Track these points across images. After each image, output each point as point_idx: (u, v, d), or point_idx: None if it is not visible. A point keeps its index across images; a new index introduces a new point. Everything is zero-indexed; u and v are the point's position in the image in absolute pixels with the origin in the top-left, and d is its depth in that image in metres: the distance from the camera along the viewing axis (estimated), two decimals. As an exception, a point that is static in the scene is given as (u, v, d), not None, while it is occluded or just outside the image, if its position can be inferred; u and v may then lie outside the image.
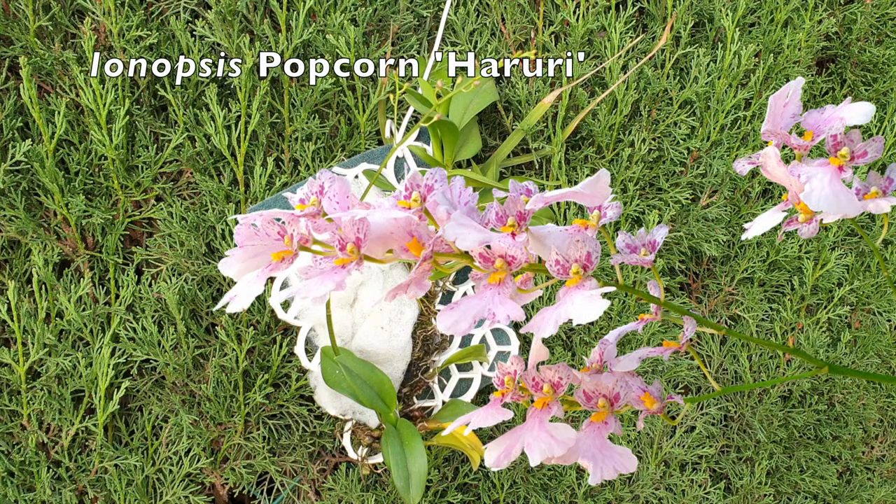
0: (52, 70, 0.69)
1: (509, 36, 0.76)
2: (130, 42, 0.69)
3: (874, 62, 0.82)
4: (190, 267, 0.70)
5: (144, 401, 0.71)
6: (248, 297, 0.29)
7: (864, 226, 0.81)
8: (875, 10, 0.81)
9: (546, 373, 0.30)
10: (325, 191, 0.29)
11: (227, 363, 0.69)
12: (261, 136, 0.71)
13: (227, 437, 0.71)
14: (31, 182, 0.70)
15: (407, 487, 0.62)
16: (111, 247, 0.71)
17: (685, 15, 0.76)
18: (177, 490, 0.70)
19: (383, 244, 0.29)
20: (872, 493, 0.86)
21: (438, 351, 0.71)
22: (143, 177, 0.71)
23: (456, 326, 0.28)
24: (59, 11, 0.69)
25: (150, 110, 0.72)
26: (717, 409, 0.81)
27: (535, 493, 0.76)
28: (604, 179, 0.28)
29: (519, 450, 0.30)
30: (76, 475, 0.70)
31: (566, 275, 0.27)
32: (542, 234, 0.28)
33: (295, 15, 0.69)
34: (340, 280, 0.28)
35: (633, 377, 0.31)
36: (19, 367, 0.68)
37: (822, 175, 0.27)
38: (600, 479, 0.30)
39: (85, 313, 0.68)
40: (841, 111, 0.29)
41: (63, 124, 0.67)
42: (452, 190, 0.29)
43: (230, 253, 0.29)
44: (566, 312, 0.26)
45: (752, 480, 0.82)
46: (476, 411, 0.31)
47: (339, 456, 0.74)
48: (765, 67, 0.76)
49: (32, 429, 0.69)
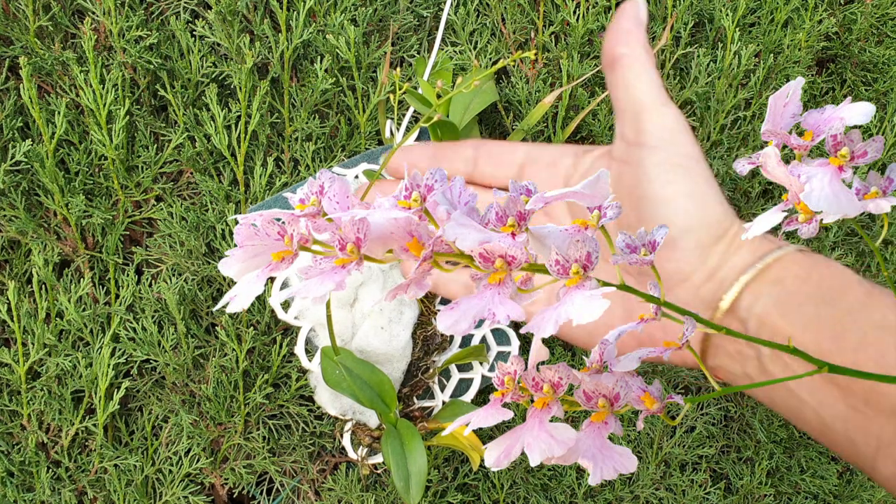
0: (53, 70, 0.69)
1: (509, 36, 0.76)
2: (130, 42, 0.69)
3: (874, 62, 0.82)
4: (190, 267, 0.70)
5: (144, 401, 0.71)
6: (248, 297, 0.29)
7: (864, 226, 0.81)
8: (875, 10, 0.81)
9: (546, 373, 0.30)
10: (325, 191, 0.29)
11: (227, 363, 0.69)
12: (261, 136, 0.71)
13: (227, 437, 0.71)
14: (31, 182, 0.70)
15: (407, 488, 0.62)
16: (111, 247, 0.71)
17: (685, 15, 0.76)
18: (176, 490, 0.70)
19: (383, 244, 0.29)
20: (873, 493, 0.86)
21: (438, 351, 0.71)
22: (143, 177, 0.71)
23: (456, 326, 0.28)
24: (59, 11, 0.69)
25: (150, 110, 0.72)
26: (718, 410, 0.81)
27: (535, 494, 0.76)
28: (604, 179, 0.28)
29: (519, 450, 0.30)
30: (76, 475, 0.70)
31: (566, 275, 0.27)
32: (543, 234, 0.28)
33: (295, 15, 0.69)
34: (340, 280, 0.28)
35: (633, 377, 0.31)
36: (19, 367, 0.68)
37: (822, 175, 0.27)
38: (600, 479, 0.30)
39: (85, 313, 0.68)
40: (841, 111, 0.29)
41: (63, 124, 0.67)
42: (452, 190, 0.29)
43: (230, 253, 0.29)
44: (566, 312, 0.26)
45: (753, 480, 0.82)
46: (476, 411, 0.31)
47: (339, 456, 0.74)
48: (765, 67, 0.76)
49: (32, 429, 0.69)
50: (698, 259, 0.45)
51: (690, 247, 0.45)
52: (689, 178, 0.46)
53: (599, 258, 0.27)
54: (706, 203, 0.45)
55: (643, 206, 0.46)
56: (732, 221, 0.46)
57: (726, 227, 0.46)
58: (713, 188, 0.46)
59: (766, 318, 0.42)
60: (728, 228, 0.46)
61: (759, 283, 0.43)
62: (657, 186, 0.45)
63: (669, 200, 0.45)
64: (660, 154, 0.46)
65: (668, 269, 0.45)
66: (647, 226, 0.45)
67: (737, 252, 0.45)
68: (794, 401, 0.42)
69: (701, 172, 0.46)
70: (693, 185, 0.45)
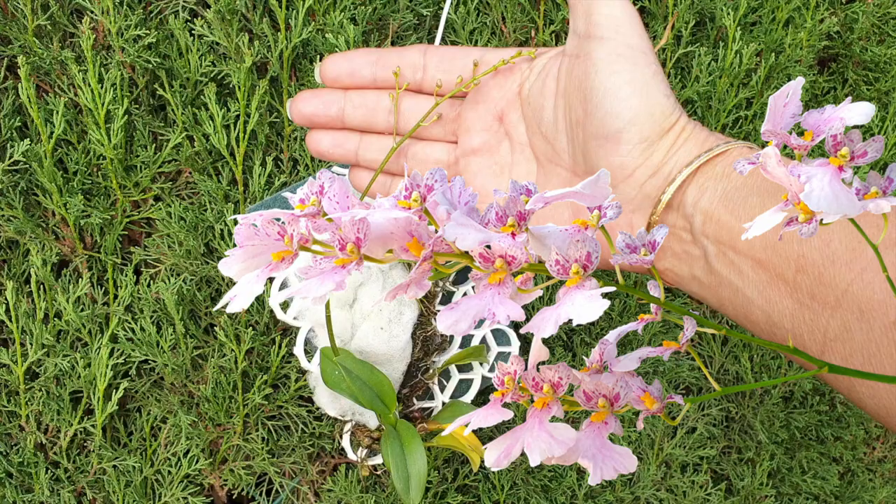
0: (51, 69, 0.69)
1: (509, 35, 0.75)
2: (129, 41, 0.68)
3: (876, 61, 0.82)
4: (189, 267, 0.70)
5: (143, 402, 0.71)
6: (248, 298, 0.29)
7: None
8: (877, 10, 0.81)
9: (546, 373, 0.30)
10: (325, 191, 0.29)
11: (225, 364, 0.69)
12: (260, 136, 0.71)
13: (226, 438, 0.71)
14: (30, 182, 0.70)
15: (407, 489, 0.62)
16: (109, 247, 0.70)
17: (686, 14, 0.76)
18: (175, 491, 0.70)
19: (383, 244, 0.28)
20: (874, 494, 0.86)
21: (438, 352, 0.70)
22: (141, 176, 0.71)
23: (456, 326, 0.27)
24: (57, 11, 0.69)
25: (149, 109, 0.72)
26: (719, 410, 0.81)
27: (536, 495, 0.76)
28: (604, 179, 0.28)
29: (519, 450, 0.30)
30: (75, 476, 0.70)
31: (566, 275, 0.27)
32: (543, 234, 0.28)
33: (294, 14, 0.69)
34: (340, 280, 0.28)
35: (633, 377, 0.31)
36: (17, 367, 0.68)
37: (822, 175, 0.27)
38: (600, 479, 0.30)
39: (83, 314, 0.68)
40: (841, 111, 0.29)
41: (61, 124, 0.67)
42: (452, 190, 0.29)
43: (230, 253, 0.29)
44: (566, 312, 0.26)
45: (754, 481, 0.81)
46: (476, 411, 0.31)
47: (339, 457, 0.74)
48: (766, 67, 0.76)
49: (31, 429, 0.69)
50: (642, 154, 0.44)
51: (635, 140, 0.44)
52: (635, 68, 0.45)
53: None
54: (650, 94, 0.45)
55: (590, 98, 0.45)
56: (679, 116, 0.45)
57: (672, 121, 0.45)
58: (659, 80, 0.45)
59: (712, 212, 0.42)
60: (675, 123, 0.45)
61: (705, 178, 0.43)
62: (603, 77, 0.45)
63: (614, 90, 0.45)
64: (608, 45, 0.45)
65: (612, 163, 0.45)
66: (592, 120, 0.45)
67: (682, 146, 0.44)
68: (741, 299, 0.41)
69: (647, 63, 0.45)
70: (637, 76, 0.45)
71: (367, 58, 0.52)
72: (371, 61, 0.52)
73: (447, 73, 0.52)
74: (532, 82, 0.51)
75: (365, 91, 0.53)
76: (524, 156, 0.52)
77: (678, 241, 0.44)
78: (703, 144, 0.44)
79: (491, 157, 0.52)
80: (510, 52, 0.52)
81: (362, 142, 0.54)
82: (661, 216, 0.44)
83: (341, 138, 0.54)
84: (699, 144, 0.44)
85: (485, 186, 0.52)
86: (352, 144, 0.54)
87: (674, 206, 0.44)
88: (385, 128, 0.53)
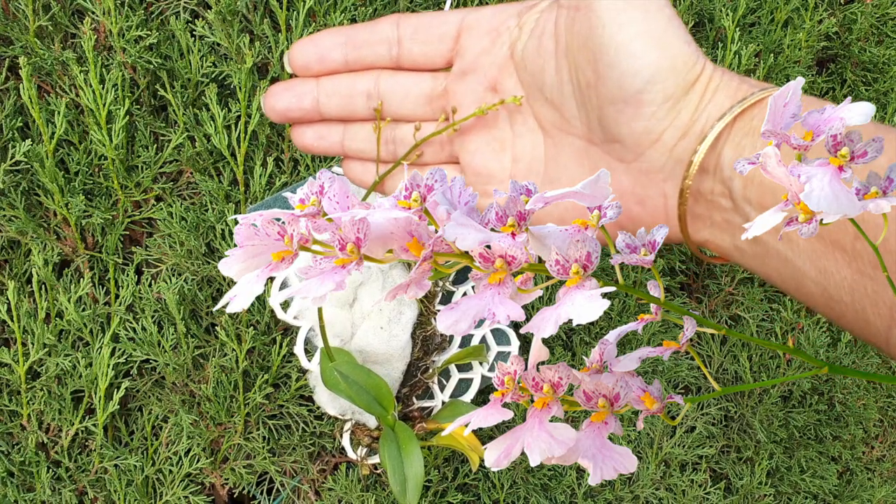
0: (52, 70, 0.69)
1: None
2: (130, 42, 0.69)
3: (874, 62, 0.82)
4: (190, 267, 0.70)
5: (144, 401, 0.71)
6: (248, 297, 0.29)
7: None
8: (875, 10, 0.81)
9: (546, 373, 0.30)
10: (325, 191, 0.29)
11: (226, 363, 0.69)
12: (260, 136, 0.71)
13: (227, 437, 0.71)
14: (31, 182, 0.70)
15: (403, 491, 0.62)
16: (111, 247, 0.70)
17: (685, 15, 0.76)
18: (177, 490, 0.70)
19: (383, 244, 0.29)
20: (873, 493, 0.86)
21: (438, 351, 0.71)
22: (142, 177, 0.71)
23: (456, 326, 0.27)
24: (58, 11, 0.69)
25: (150, 110, 0.72)
26: (718, 410, 0.81)
27: (536, 494, 0.76)
28: (604, 179, 0.28)
29: (519, 450, 0.30)
30: (76, 475, 0.70)
31: (566, 275, 0.27)
32: (543, 234, 0.28)
33: (295, 15, 0.69)
34: (340, 280, 0.28)
35: (633, 377, 0.31)
36: (19, 367, 0.68)
37: (822, 175, 0.27)
38: (600, 478, 0.30)
39: (85, 313, 0.68)
40: (841, 111, 0.29)
41: (63, 124, 0.67)
42: (452, 190, 0.29)
43: (230, 253, 0.29)
44: (566, 312, 0.26)
45: (753, 480, 0.82)
46: (476, 411, 0.31)
47: (339, 456, 0.74)
48: (765, 67, 0.76)
49: (32, 429, 0.69)
50: (668, 114, 0.39)
51: (658, 100, 0.39)
52: (647, 15, 0.39)
53: None
54: (669, 44, 0.39)
55: (600, 58, 0.40)
56: (704, 64, 0.39)
57: (697, 71, 0.39)
58: (676, 25, 0.40)
59: (752, 173, 0.36)
60: (700, 73, 0.39)
61: (741, 134, 0.38)
62: (612, 31, 0.39)
63: (627, 46, 0.39)
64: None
65: (635, 129, 0.40)
66: (606, 82, 0.40)
67: (712, 99, 0.38)
68: (791, 271, 0.37)
69: (659, 7, 0.40)
70: (651, 25, 0.39)
71: (336, 38, 0.47)
72: (340, 42, 0.47)
73: (425, 44, 0.46)
74: (525, 42, 0.44)
75: (336, 77, 0.48)
76: (527, 127, 0.46)
77: (717, 209, 0.39)
78: (736, 94, 0.38)
79: (489, 132, 0.47)
80: (493, 11, 0.45)
81: (346, 132, 0.49)
82: (694, 180, 0.39)
83: (323, 130, 0.49)
84: (731, 94, 0.38)
85: (486, 166, 0.47)
86: (335, 136, 0.49)
87: (709, 170, 0.38)
88: (367, 115, 0.49)
